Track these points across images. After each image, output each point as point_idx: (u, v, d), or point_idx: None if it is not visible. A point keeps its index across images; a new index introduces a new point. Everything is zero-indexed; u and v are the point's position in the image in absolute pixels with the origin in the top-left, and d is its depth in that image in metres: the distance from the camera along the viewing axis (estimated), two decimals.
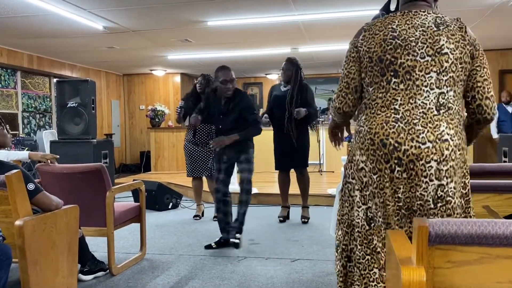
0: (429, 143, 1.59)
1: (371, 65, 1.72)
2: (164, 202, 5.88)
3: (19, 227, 2.28)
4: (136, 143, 11.55)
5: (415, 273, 1.16)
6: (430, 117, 1.62)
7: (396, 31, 1.68)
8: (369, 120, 1.71)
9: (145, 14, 5.73)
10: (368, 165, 1.69)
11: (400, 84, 1.66)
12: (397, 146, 1.61)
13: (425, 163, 1.59)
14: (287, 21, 6.16)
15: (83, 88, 6.26)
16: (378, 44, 1.70)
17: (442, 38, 1.64)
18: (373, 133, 1.66)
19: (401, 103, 1.65)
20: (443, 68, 1.63)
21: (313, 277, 3.22)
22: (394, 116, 1.65)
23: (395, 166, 1.62)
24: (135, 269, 3.47)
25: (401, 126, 1.62)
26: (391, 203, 1.66)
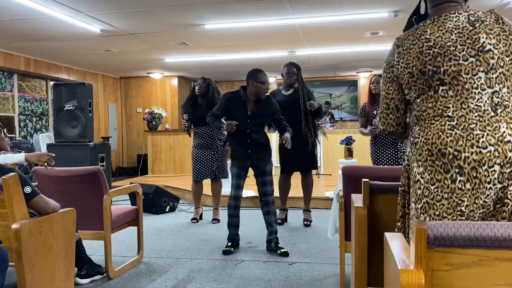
0: (490, 147, 1.51)
1: (413, 80, 1.66)
2: (162, 205, 5.86)
3: (16, 230, 2.27)
4: (133, 146, 11.53)
5: (414, 276, 1.16)
6: (487, 119, 1.54)
7: (431, 40, 1.63)
8: (423, 130, 1.63)
9: (142, 17, 5.74)
10: (425, 177, 1.61)
11: (449, 91, 1.59)
12: (457, 155, 1.53)
13: (488, 168, 1.51)
14: (284, 24, 6.17)
15: (80, 91, 6.24)
16: (416, 58, 1.64)
17: (481, 36, 1.58)
18: (430, 144, 1.59)
19: (453, 109, 1.58)
20: (490, 65, 1.56)
21: (311, 280, 3.21)
22: (449, 123, 1.57)
23: (457, 175, 1.53)
24: (132, 273, 3.46)
25: (459, 133, 1.54)
26: (449, 215, 1.58)
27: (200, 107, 5.05)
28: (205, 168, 5.06)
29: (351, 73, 11.36)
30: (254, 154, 3.90)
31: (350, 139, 5.55)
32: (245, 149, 3.89)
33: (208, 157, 5.05)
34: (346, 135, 5.80)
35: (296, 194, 5.50)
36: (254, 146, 3.89)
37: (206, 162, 5.05)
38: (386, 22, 6.12)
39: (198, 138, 5.11)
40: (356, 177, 2.68)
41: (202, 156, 5.06)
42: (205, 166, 5.06)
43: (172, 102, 11.24)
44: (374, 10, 5.62)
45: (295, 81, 4.74)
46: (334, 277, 3.26)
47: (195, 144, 5.16)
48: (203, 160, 5.06)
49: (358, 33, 6.79)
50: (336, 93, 11.57)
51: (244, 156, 3.91)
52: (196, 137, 5.15)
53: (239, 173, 3.92)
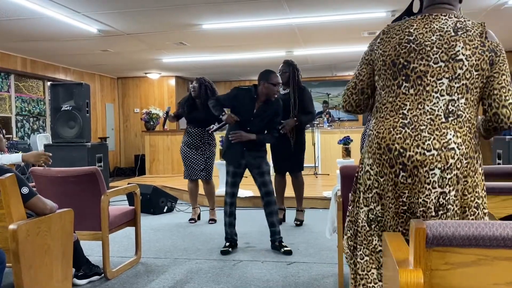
0: (434, 151, 1.57)
1: (384, 68, 1.71)
2: (159, 206, 5.85)
3: (13, 231, 2.26)
4: (130, 146, 11.50)
5: (413, 275, 1.16)
6: (437, 124, 1.59)
7: (413, 35, 1.66)
8: (377, 124, 1.70)
9: (140, 17, 5.72)
10: (374, 169, 1.70)
11: (411, 89, 1.64)
12: (402, 152, 1.60)
13: (428, 170, 1.57)
14: (281, 24, 6.17)
15: (77, 92, 6.24)
16: (393, 48, 1.68)
17: (458, 44, 1.60)
18: (380, 138, 1.66)
19: (409, 108, 1.64)
20: (456, 74, 1.60)
21: (309, 280, 3.21)
22: (402, 121, 1.64)
23: (400, 171, 1.61)
24: (130, 273, 3.45)
25: (408, 132, 1.61)
26: (393, 206, 1.67)
27: (197, 108, 5.06)
28: (195, 167, 5.08)
29: (348, 73, 11.37)
30: (249, 153, 3.90)
31: (348, 139, 5.55)
32: (242, 147, 3.89)
33: (195, 157, 5.08)
34: (344, 135, 5.81)
35: (291, 194, 5.50)
36: (251, 145, 3.89)
37: (194, 161, 5.08)
38: (383, 22, 6.11)
39: (188, 136, 5.14)
40: (354, 176, 2.68)
41: (189, 155, 5.11)
42: (195, 165, 5.08)
43: (170, 102, 11.22)
44: (371, 10, 5.62)
45: (288, 80, 4.73)
46: (332, 276, 3.26)
47: (184, 141, 5.20)
48: (190, 158, 5.10)
49: (356, 33, 6.79)
50: (333, 93, 11.57)
51: (240, 154, 3.90)
52: (186, 135, 5.17)
53: (235, 171, 3.92)
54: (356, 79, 1.83)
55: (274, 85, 3.85)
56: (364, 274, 1.78)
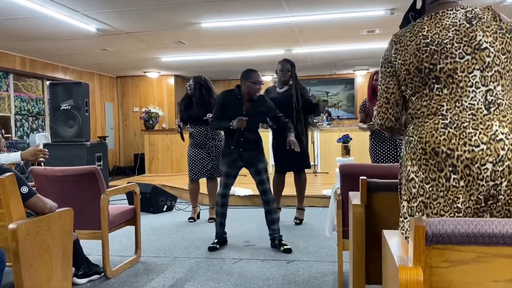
0: (483, 145, 1.53)
1: (410, 77, 1.66)
2: (159, 205, 5.85)
3: (13, 230, 2.26)
4: (130, 145, 11.50)
5: (412, 273, 1.16)
6: (480, 117, 1.55)
7: (428, 37, 1.63)
8: (417, 129, 1.65)
9: (139, 16, 5.72)
10: (419, 175, 1.63)
11: (444, 89, 1.61)
12: (450, 153, 1.55)
13: (480, 166, 1.53)
14: (280, 22, 6.17)
15: (77, 91, 6.23)
16: (413, 55, 1.64)
17: (478, 34, 1.58)
18: (423, 142, 1.61)
19: (447, 108, 1.60)
20: (486, 64, 1.57)
21: (309, 278, 3.21)
22: (442, 122, 1.59)
23: (450, 174, 1.56)
24: (130, 272, 3.45)
25: (452, 131, 1.56)
26: (446, 213, 1.60)
27: (193, 106, 5.05)
28: (201, 167, 5.06)
29: (347, 71, 11.37)
30: (246, 153, 3.91)
31: (347, 137, 5.55)
32: (237, 147, 3.90)
33: (202, 156, 5.05)
34: (343, 133, 5.80)
35: (291, 192, 5.50)
36: (246, 145, 3.90)
37: (201, 161, 5.05)
38: (382, 20, 6.12)
39: (192, 137, 5.12)
40: (353, 175, 2.68)
41: (197, 155, 5.07)
42: (200, 165, 5.06)
43: (169, 101, 11.22)
44: (371, 8, 5.62)
45: (289, 78, 4.74)
46: (332, 275, 3.27)
47: (191, 143, 5.17)
48: (198, 159, 5.06)
49: (355, 31, 6.79)
50: (333, 91, 11.57)
51: (235, 155, 3.91)
52: (191, 136, 5.15)
53: (228, 172, 3.94)
54: (386, 94, 1.76)
55: (254, 84, 3.86)
56: None
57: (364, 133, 7.62)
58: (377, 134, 4.46)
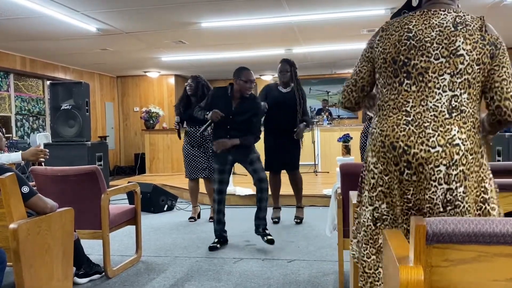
0: (439, 147, 1.56)
1: (385, 66, 1.70)
2: (160, 204, 5.86)
3: (14, 230, 2.26)
4: (130, 145, 11.50)
5: (413, 272, 1.16)
6: (441, 120, 1.59)
7: (412, 31, 1.65)
8: (381, 122, 1.70)
9: (139, 16, 5.72)
10: (378, 167, 1.69)
11: (413, 86, 1.64)
12: (407, 150, 1.59)
13: (434, 167, 1.56)
14: (280, 22, 6.17)
15: (77, 91, 6.23)
16: (393, 45, 1.67)
17: (458, 39, 1.59)
18: (384, 136, 1.65)
19: (412, 105, 1.63)
20: (458, 70, 1.59)
21: (309, 278, 3.21)
22: (405, 118, 1.63)
23: (404, 168, 1.60)
24: (130, 272, 3.45)
25: (412, 129, 1.60)
26: (399, 203, 1.66)
27: (192, 106, 5.05)
28: (196, 166, 5.07)
29: (348, 70, 11.36)
30: (233, 148, 3.88)
31: (348, 137, 5.55)
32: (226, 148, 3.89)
33: (198, 155, 5.06)
34: (344, 133, 5.80)
35: (290, 191, 5.50)
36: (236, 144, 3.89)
37: (197, 160, 5.07)
38: (382, 19, 6.10)
39: (189, 136, 5.12)
40: (354, 174, 2.68)
41: (193, 154, 5.08)
42: (196, 164, 5.07)
43: (169, 101, 11.22)
44: (371, 8, 5.62)
45: (290, 79, 4.74)
46: (332, 274, 3.27)
47: (186, 141, 5.16)
48: (193, 157, 5.08)
49: (355, 30, 6.78)
50: (333, 91, 11.56)
51: (222, 152, 3.90)
52: (187, 135, 5.15)
53: (221, 168, 3.93)
54: (356, 76, 1.81)
55: (245, 82, 3.86)
56: (371, 272, 1.78)
57: None
58: (366, 130, 4.44)
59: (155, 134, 9.42)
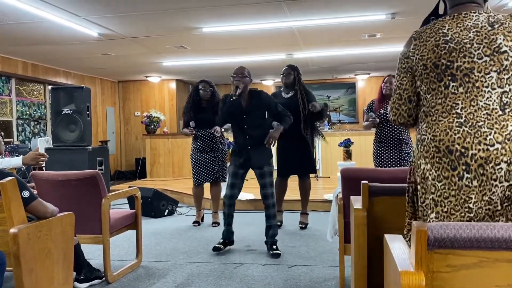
0: (497, 145, 1.53)
1: (426, 72, 1.68)
2: (160, 209, 5.85)
3: (14, 234, 2.26)
4: (131, 149, 11.51)
5: (414, 278, 1.16)
6: (495, 117, 1.56)
7: (448, 35, 1.65)
8: (431, 127, 1.66)
9: (140, 21, 5.74)
10: (432, 173, 1.63)
11: (459, 87, 1.62)
12: (464, 152, 1.55)
13: (494, 165, 1.53)
14: (282, 27, 6.18)
15: (78, 95, 6.24)
16: (431, 51, 1.66)
17: (498, 37, 1.60)
18: (437, 140, 1.61)
19: (462, 106, 1.60)
20: (503, 66, 1.59)
21: (310, 283, 3.20)
22: (457, 120, 1.60)
23: (464, 173, 1.56)
24: (131, 277, 3.44)
25: (466, 130, 1.57)
26: (457, 212, 1.59)
27: (205, 110, 5.01)
28: (206, 171, 5.04)
29: (349, 75, 11.38)
30: (253, 151, 3.90)
31: (349, 142, 5.55)
32: (244, 145, 3.90)
33: (208, 160, 5.03)
34: (345, 138, 5.81)
35: (293, 196, 5.50)
36: (253, 142, 3.90)
37: (207, 165, 5.03)
38: (383, 25, 6.13)
39: (199, 140, 5.06)
40: (355, 179, 2.68)
41: (202, 160, 5.04)
42: (206, 169, 5.03)
43: (170, 105, 11.24)
44: (372, 13, 5.63)
45: (293, 81, 4.75)
46: (333, 279, 3.26)
47: (195, 147, 5.10)
48: (203, 163, 5.04)
49: (356, 35, 6.80)
50: (334, 96, 11.57)
51: (242, 154, 3.91)
52: (197, 139, 5.08)
53: (236, 172, 3.94)
54: (399, 90, 1.78)
55: (232, 77, 3.88)
56: None
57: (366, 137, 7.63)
58: (381, 138, 4.45)
59: (156, 138, 9.43)
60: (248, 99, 3.94)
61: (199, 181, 5.08)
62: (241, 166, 3.94)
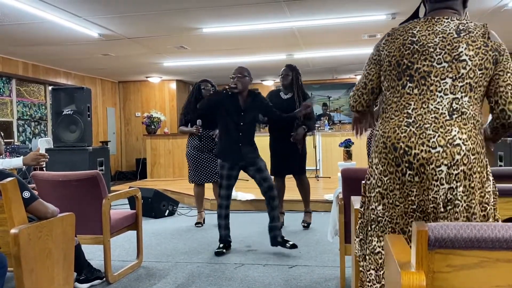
0: (439, 148, 1.59)
1: (389, 69, 1.75)
2: (161, 209, 5.85)
3: (15, 235, 2.26)
4: (132, 150, 11.52)
5: (415, 278, 1.16)
6: (442, 121, 1.62)
7: (416, 36, 1.71)
8: (383, 124, 1.74)
9: (141, 21, 5.74)
10: (379, 168, 1.72)
11: (415, 89, 1.69)
12: (408, 150, 1.63)
13: (435, 167, 1.60)
14: (282, 27, 6.18)
15: (79, 96, 6.24)
16: (397, 49, 1.73)
17: (461, 45, 1.64)
18: (385, 137, 1.70)
19: (414, 107, 1.67)
20: (460, 74, 1.64)
21: (311, 283, 3.20)
22: (406, 120, 1.67)
23: (406, 169, 1.64)
24: (131, 277, 3.44)
25: (413, 130, 1.64)
26: (401, 204, 1.69)
27: None
28: (207, 171, 5.03)
29: (349, 75, 11.39)
30: (245, 149, 3.90)
31: (349, 142, 5.55)
32: (236, 142, 3.89)
33: (209, 160, 5.03)
34: (345, 138, 5.81)
35: (293, 197, 5.49)
36: (245, 140, 3.92)
37: (208, 164, 5.03)
38: (383, 25, 6.13)
39: (199, 140, 5.05)
40: (355, 179, 2.68)
41: (202, 159, 5.04)
42: (207, 169, 5.03)
43: (171, 106, 11.25)
44: (372, 13, 5.63)
45: (291, 83, 4.74)
46: (334, 280, 3.26)
47: (194, 146, 5.08)
48: (203, 162, 5.03)
49: (356, 35, 6.80)
50: (334, 96, 11.58)
51: (235, 153, 3.90)
52: (196, 138, 5.07)
53: (230, 174, 3.93)
54: (365, 79, 1.85)
55: (232, 77, 3.90)
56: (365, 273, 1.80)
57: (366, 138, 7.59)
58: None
59: (157, 139, 9.43)
60: (246, 98, 3.95)
61: (201, 180, 5.07)
62: (234, 168, 3.94)
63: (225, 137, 3.97)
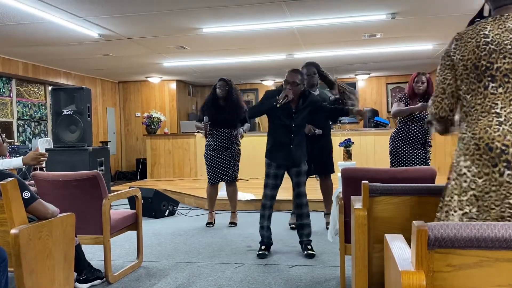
0: None
1: (466, 72, 1.72)
2: (161, 209, 5.85)
3: (15, 235, 2.26)
4: (132, 150, 11.51)
5: (415, 277, 1.16)
6: None
7: (489, 36, 1.68)
8: (470, 126, 1.70)
9: (141, 21, 5.74)
10: (472, 170, 1.66)
11: (499, 88, 1.66)
12: (505, 149, 1.58)
13: None
14: (282, 27, 6.18)
15: (79, 96, 6.25)
16: (472, 51, 1.70)
17: None
18: (477, 138, 1.65)
19: (502, 106, 1.64)
20: None
21: (311, 283, 3.20)
22: (497, 119, 1.63)
23: (504, 169, 1.58)
24: (132, 277, 3.45)
25: (506, 128, 1.60)
26: (497, 207, 1.62)
27: (222, 109, 4.97)
28: (222, 171, 5.02)
29: (349, 75, 11.37)
30: (296, 150, 3.86)
31: (349, 142, 5.55)
32: (287, 143, 3.84)
33: (224, 159, 5.01)
34: (345, 138, 5.80)
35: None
36: (296, 141, 3.87)
37: (222, 164, 5.01)
38: (383, 25, 6.13)
39: (214, 139, 5.02)
40: (355, 179, 2.68)
41: (217, 158, 5.01)
42: (222, 169, 5.01)
43: (171, 106, 11.24)
44: (372, 13, 5.63)
45: (317, 81, 4.72)
46: (334, 279, 3.26)
47: (209, 145, 5.06)
48: (218, 162, 5.01)
49: (356, 35, 6.80)
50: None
51: (285, 154, 3.85)
52: (212, 138, 5.03)
53: (277, 173, 3.89)
54: (443, 84, 1.81)
55: (286, 84, 3.80)
56: None
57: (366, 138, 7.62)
58: (407, 137, 4.41)
59: (157, 139, 9.43)
60: (298, 100, 3.85)
61: (215, 180, 5.05)
62: (282, 168, 3.90)
63: (276, 137, 3.91)
